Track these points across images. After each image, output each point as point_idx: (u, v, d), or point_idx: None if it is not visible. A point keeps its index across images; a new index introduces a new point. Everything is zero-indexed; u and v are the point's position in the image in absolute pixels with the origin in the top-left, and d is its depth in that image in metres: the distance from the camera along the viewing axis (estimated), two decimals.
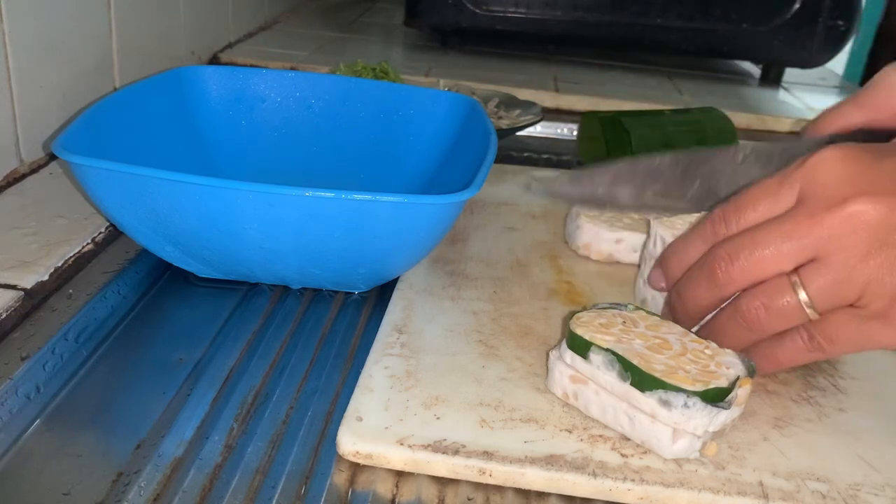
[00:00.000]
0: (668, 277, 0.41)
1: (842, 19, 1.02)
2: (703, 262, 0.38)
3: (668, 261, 0.41)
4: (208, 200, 0.40)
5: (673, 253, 0.41)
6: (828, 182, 0.35)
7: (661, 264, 0.42)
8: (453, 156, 0.56)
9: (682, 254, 0.40)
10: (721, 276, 0.37)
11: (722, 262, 0.37)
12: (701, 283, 0.38)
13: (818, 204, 0.35)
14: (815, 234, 0.35)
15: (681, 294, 0.40)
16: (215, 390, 0.39)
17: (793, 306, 0.36)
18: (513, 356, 0.42)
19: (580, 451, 0.35)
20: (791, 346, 0.38)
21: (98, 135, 0.47)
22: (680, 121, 0.74)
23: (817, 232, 0.35)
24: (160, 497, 0.32)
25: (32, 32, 0.57)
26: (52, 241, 0.48)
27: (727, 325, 0.38)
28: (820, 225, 0.35)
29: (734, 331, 0.38)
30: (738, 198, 0.38)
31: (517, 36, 1.06)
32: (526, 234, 0.56)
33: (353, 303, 0.48)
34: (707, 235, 0.39)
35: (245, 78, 0.60)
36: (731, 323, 0.38)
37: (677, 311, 0.41)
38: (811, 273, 0.36)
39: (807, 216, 0.35)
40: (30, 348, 0.39)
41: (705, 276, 0.38)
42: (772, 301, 0.37)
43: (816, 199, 0.35)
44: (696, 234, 0.39)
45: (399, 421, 0.36)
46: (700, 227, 0.39)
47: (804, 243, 0.35)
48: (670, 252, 0.41)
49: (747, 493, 0.34)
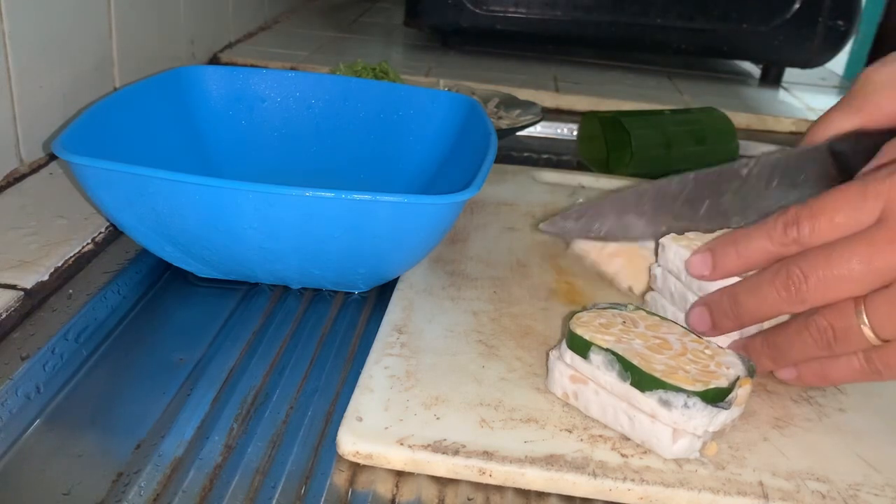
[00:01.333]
0: (720, 268, 0.39)
1: (842, 19, 1.02)
2: (773, 275, 0.36)
3: (724, 251, 0.38)
4: (208, 200, 0.40)
5: (732, 244, 0.38)
6: None
7: (713, 252, 0.39)
8: (453, 156, 0.56)
9: (744, 248, 0.37)
10: (794, 293, 0.35)
11: (795, 278, 0.35)
12: (768, 295, 0.36)
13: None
14: (892, 263, 0.34)
15: (738, 300, 0.38)
16: (215, 390, 0.39)
17: (855, 331, 0.35)
18: (513, 356, 0.42)
19: (580, 450, 0.35)
20: (846, 365, 0.37)
21: (98, 135, 0.47)
22: (680, 121, 0.74)
23: (894, 261, 0.33)
24: (160, 497, 0.32)
25: (32, 32, 0.57)
26: (52, 241, 0.48)
27: (795, 340, 0.37)
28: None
29: (801, 346, 0.37)
30: (814, 202, 0.36)
31: (517, 36, 1.06)
32: (526, 234, 0.56)
33: (353, 303, 0.48)
34: (776, 236, 0.36)
35: (245, 78, 0.60)
36: (798, 338, 0.37)
37: (727, 314, 0.38)
38: (879, 301, 0.34)
39: (887, 240, 0.33)
40: (30, 348, 0.39)
41: (775, 290, 0.36)
42: (835, 323, 0.36)
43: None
44: (763, 232, 0.37)
45: (399, 421, 0.36)
46: (769, 225, 0.37)
47: (880, 270, 0.34)
48: (728, 242, 0.38)
49: (747, 493, 0.34)
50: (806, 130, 0.43)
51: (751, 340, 0.40)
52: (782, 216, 0.36)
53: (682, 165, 0.73)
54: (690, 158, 0.73)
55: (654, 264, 0.44)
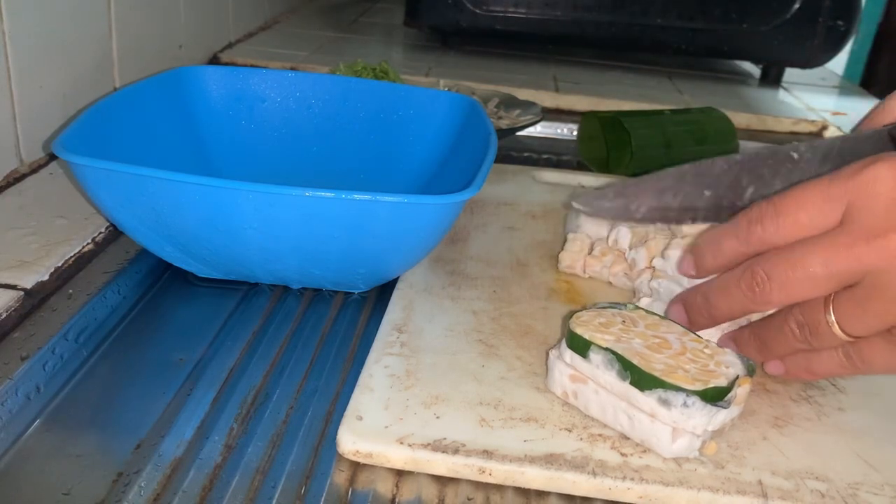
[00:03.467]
0: (701, 268, 0.40)
1: (842, 19, 1.02)
2: (738, 277, 0.37)
3: (701, 251, 0.39)
4: (208, 200, 0.40)
5: (706, 244, 0.39)
6: (875, 207, 0.33)
7: (693, 253, 0.40)
8: (453, 156, 0.56)
9: (717, 247, 0.38)
10: (758, 294, 0.36)
11: (759, 279, 0.36)
12: (735, 295, 0.37)
13: (861, 231, 0.33)
14: (853, 266, 0.34)
15: (709, 300, 0.39)
16: (215, 390, 0.39)
17: (825, 328, 0.36)
18: (513, 355, 0.42)
19: (580, 450, 0.35)
20: (829, 359, 0.38)
21: (98, 135, 0.47)
22: (680, 121, 0.74)
23: (855, 265, 0.34)
24: (160, 497, 0.32)
25: (32, 32, 0.57)
26: (52, 241, 0.48)
27: (777, 334, 0.38)
28: (859, 258, 0.33)
29: (783, 340, 0.38)
30: (779, 200, 0.36)
31: (517, 36, 1.06)
32: (526, 233, 0.56)
33: (353, 303, 0.48)
34: (741, 234, 0.37)
35: (245, 78, 0.60)
36: (780, 332, 0.38)
37: (701, 313, 0.39)
38: (844, 300, 0.35)
39: (847, 245, 0.34)
40: (30, 348, 0.39)
41: (741, 291, 0.37)
42: (807, 320, 0.36)
43: (860, 225, 0.34)
44: (730, 230, 0.38)
45: (399, 420, 0.36)
46: (734, 223, 0.37)
47: (840, 274, 0.34)
48: (704, 242, 0.39)
49: (747, 492, 0.34)
50: (866, 115, 0.42)
51: (739, 332, 0.40)
52: (748, 213, 0.37)
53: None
54: (690, 158, 0.73)
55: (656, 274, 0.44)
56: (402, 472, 0.35)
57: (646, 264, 0.48)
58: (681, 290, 0.42)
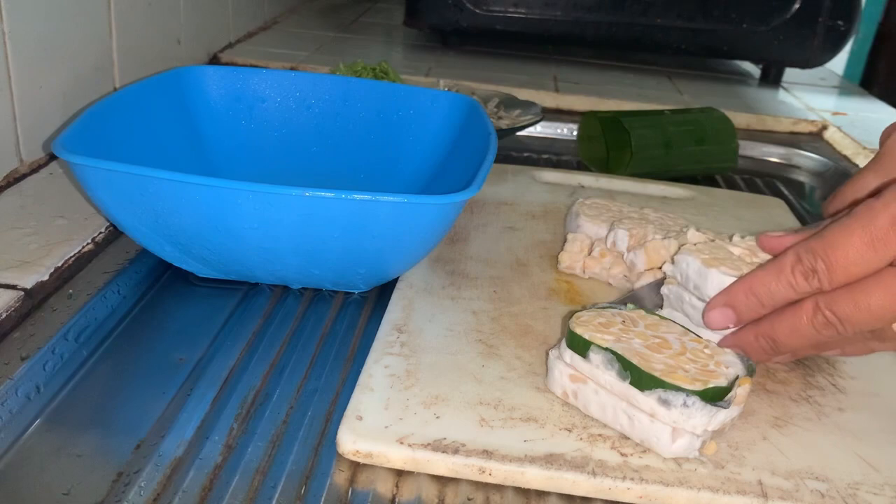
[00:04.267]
0: (745, 319, 0.39)
1: (842, 19, 1.02)
2: (810, 317, 0.37)
3: (746, 303, 0.39)
4: (208, 200, 0.40)
5: (752, 294, 0.38)
6: None
7: (734, 307, 0.39)
8: (453, 156, 0.56)
9: (767, 297, 0.38)
10: (835, 332, 0.36)
11: (830, 319, 0.36)
12: (807, 335, 0.37)
13: None
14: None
15: (777, 341, 0.38)
16: (215, 390, 0.39)
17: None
18: (512, 355, 0.42)
19: (580, 449, 0.35)
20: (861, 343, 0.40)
21: (98, 135, 0.47)
22: (680, 121, 0.74)
23: None
24: (160, 497, 0.32)
25: (32, 32, 0.57)
26: (52, 241, 0.48)
27: (791, 334, 0.38)
28: None
29: (798, 337, 0.38)
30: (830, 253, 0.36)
31: (517, 36, 1.06)
32: (526, 233, 0.56)
33: (353, 303, 0.48)
34: (798, 286, 0.37)
35: (245, 78, 0.60)
36: (794, 332, 0.38)
37: (767, 352, 0.39)
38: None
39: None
40: (30, 348, 0.39)
41: (815, 330, 0.37)
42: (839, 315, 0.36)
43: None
44: (784, 282, 0.37)
45: (399, 420, 0.36)
46: (787, 276, 0.37)
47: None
48: (747, 293, 0.38)
49: (746, 492, 0.34)
50: (833, 193, 0.43)
51: (743, 335, 0.40)
52: (799, 266, 0.36)
53: (681, 165, 0.73)
54: (690, 158, 0.73)
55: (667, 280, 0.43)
56: (402, 472, 0.35)
57: (644, 266, 0.48)
58: (689, 297, 0.41)
